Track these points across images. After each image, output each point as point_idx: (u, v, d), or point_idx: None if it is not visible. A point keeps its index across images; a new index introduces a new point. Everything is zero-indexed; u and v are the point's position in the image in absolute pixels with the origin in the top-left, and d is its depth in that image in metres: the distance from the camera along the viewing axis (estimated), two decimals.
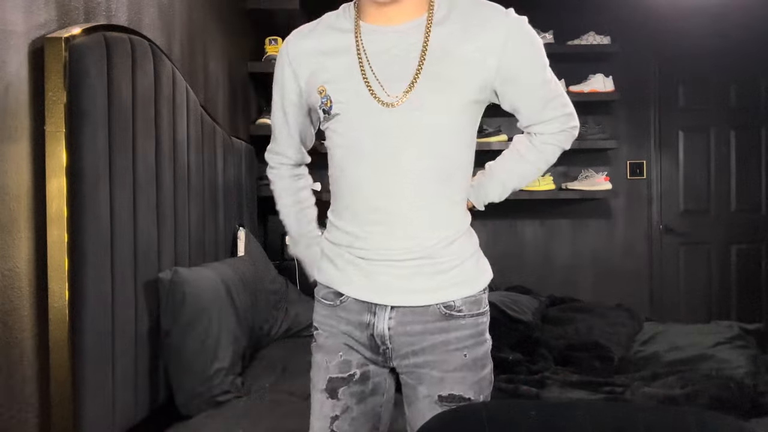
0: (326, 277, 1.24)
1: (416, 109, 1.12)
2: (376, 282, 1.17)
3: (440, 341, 1.17)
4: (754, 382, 2.00)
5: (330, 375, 1.21)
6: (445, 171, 1.16)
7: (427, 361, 1.18)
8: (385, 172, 1.14)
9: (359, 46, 1.15)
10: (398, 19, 1.14)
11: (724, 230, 4.19)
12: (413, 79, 1.11)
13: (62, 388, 1.44)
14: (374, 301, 1.17)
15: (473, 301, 1.20)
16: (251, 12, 3.36)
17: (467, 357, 1.18)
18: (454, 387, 1.17)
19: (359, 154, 1.15)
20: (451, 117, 1.15)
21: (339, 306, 1.21)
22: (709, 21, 4.03)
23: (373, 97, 1.12)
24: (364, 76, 1.13)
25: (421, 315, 1.17)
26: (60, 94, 1.42)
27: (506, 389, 1.99)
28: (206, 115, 2.41)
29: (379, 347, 1.19)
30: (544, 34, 3.83)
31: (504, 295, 2.88)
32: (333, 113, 1.16)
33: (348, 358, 1.21)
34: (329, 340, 1.22)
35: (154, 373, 1.83)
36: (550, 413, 0.98)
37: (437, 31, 1.14)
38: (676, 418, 0.97)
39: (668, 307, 4.16)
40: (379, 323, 1.17)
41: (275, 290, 2.63)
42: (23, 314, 1.39)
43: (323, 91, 1.17)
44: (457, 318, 1.17)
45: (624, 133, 4.12)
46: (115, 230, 1.60)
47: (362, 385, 1.21)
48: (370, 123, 1.13)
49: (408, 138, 1.13)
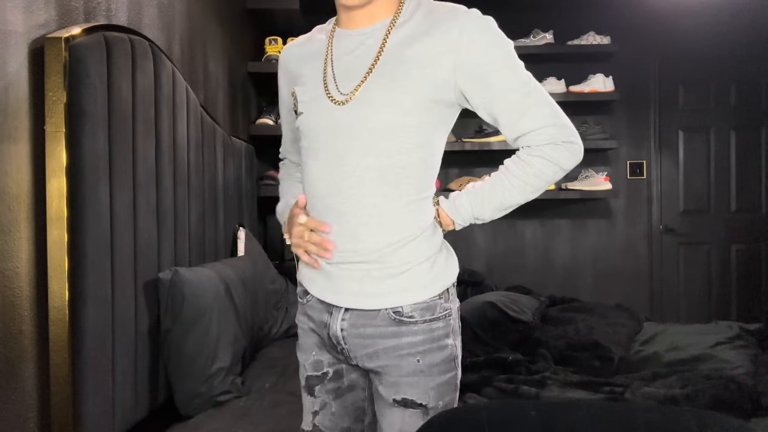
0: (300, 274, 1.29)
1: (364, 106, 1.13)
2: (333, 282, 1.20)
3: (392, 346, 1.17)
4: (754, 382, 1.99)
5: (307, 373, 1.27)
6: (392, 171, 1.14)
7: (381, 365, 1.19)
8: (334, 170, 1.16)
9: (328, 50, 1.21)
10: (365, 22, 1.19)
11: (724, 230, 4.19)
12: (364, 77, 1.15)
13: (62, 388, 1.44)
14: (330, 302, 1.21)
15: (425, 308, 1.17)
16: (251, 12, 3.36)
17: (420, 362, 1.17)
18: (407, 391, 1.17)
19: (315, 153, 1.19)
20: (402, 116, 1.12)
21: (306, 304, 1.26)
22: (709, 21, 4.03)
23: (327, 95, 1.17)
24: (324, 76, 1.19)
25: (372, 319, 1.18)
26: (60, 94, 1.42)
27: (506, 389, 1.99)
28: (206, 115, 2.41)
29: (336, 347, 1.22)
30: (544, 34, 3.83)
31: (504, 295, 2.88)
32: (299, 113, 1.22)
33: (319, 358, 1.25)
34: (303, 339, 1.28)
35: (154, 373, 1.83)
36: (550, 413, 0.98)
37: (397, 33, 1.16)
38: (676, 418, 0.97)
39: (668, 307, 4.16)
40: (333, 324, 1.20)
41: (275, 290, 2.63)
42: (23, 314, 1.39)
43: (294, 93, 1.24)
44: (408, 324, 1.16)
45: (624, 133, 4.12)
46: (115, 230, 1.60)
47: (337, 383, 1.25)
48: (323, 121, 1.17)
49: (356, 136, 1.14)
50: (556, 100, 1.22)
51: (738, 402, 1.84)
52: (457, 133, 3.82)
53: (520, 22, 3.88)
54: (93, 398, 1.50)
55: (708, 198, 4.20)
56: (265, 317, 2.48)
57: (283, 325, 2.60)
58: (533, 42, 3.81)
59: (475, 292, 3.19)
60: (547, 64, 3.92)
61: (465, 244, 4.08)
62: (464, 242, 4.07)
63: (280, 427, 1.70)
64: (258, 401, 1.89)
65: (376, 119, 1.13)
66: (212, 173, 2.46)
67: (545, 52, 3.80)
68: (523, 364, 2.23)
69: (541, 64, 3.90)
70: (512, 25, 3.91)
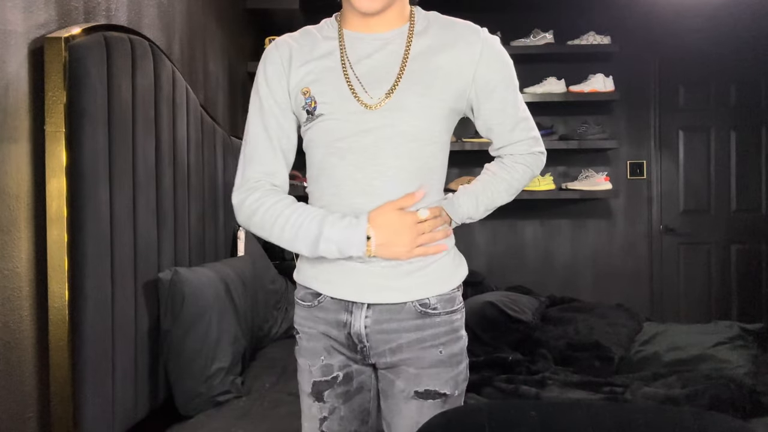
0: (303, 276, 1.25)
1: (398, 110, 1.16)
2: (355, 279, 1.19)
3: (415, 339, 1.20)
4: (754, 382, 1.99)
5: (314, 379, 1.24)
6: (421, 173, 1.19)
7: (403, 358, 1.20)
8: (364, 170, 1.16)
9: (342, 51, 1.20)
10: (380, 28, 1.20)
11: (724, 230, 4.18)
12: (395, 82, 1.16)
13: (62, 388, 1.44)
14: (351, 299, 1.19)
15: (447, 299, 1.22)
16: (251, 12, 3.36)
17: (442, 353, 1.21)
18: (429, 383, 1.20)
19: (341, 152, 1.17)
20: (428, 121, 1.18)
21: (316, 306, 1.22)
22: (709, 21, 4.03)
23: (356, 98, 1.16)
24: (347, 78, 1.17)
25: (396, 313, 1.19)
26: (60, 93, 1.42)
27: (506, 389, 1.99)
28: (206, 115, 2.41)
29: (356, 346, 1.21)
30: (544, 34, 3.83)
31: (504, 295, 2.88)
32: (317, 114, 1.18)
33: (329, 362, 1.23)
34: (310, 343, 1.24)
35: (154, 373, 1.83)
36: (550, 413, 0.98)
37: (418, 41, 1.20)
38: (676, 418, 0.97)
39: (668, 307, 4.15)
40: (355, 322, 1.19)
41: (275, 290, 2.63)
42: (23, 314, 1.39)
43: (308, 92, 1.19)
44: (432, 316, 1.20)
45: (624, 133, 4.12)
46: (115, 230, 1.59)
47: (346, 386, 1.24)
48: (352, 123, 1.16)
49: (388, 138, 1.16)
50: (556, 100, 1.29)
51: (738, 402, 1.84)
52: (457, 133, 3.81)
53: (520, 22, 3.88)
54: (93, 398, 1.50)
55: (708, 198, 4.19)
56: (265, 317, 2.48)
57: (283, 325, 2.60)
58: (533, 42, 3.81)
59: (475, 292, 3.19)
60: (547, 64, 3.92)
61: (465, 244, 4.07)
62: (464, 242, 4.06)
63: (280, 427, 1.70)
64: (258, 401, 1.89)
65: (409, 123, 1.16)
66: (212, 173, 2.46)
67: (545, 52, 3.80)
68: (523, 364, 2.23)
69: (541, 64, 3.90)
70: (512, 25, 3.97)
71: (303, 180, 3.28)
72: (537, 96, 3.76)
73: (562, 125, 4.00)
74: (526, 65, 3.95)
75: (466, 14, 1.23)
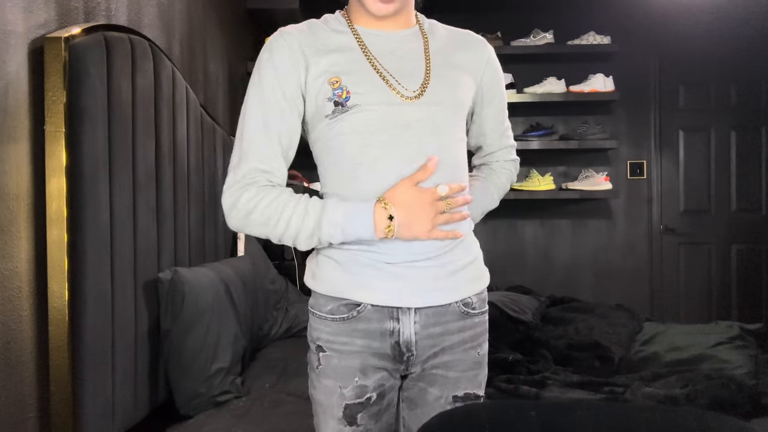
0: (333, 285, 1.13)
1: (435, 104, 1.15)
2: (402, 284, 1.11)
3: (458, 341, 1.18)
4: (755, 382, 1.99)
5: (346, 402, 1.13)
6: (457, 168, 1.19)
7: (444, 361, 1.17)
8: (410, 164, 1.11)
9: (362, 46, 1.16)
10: (392, 27, 1.20)
11: (724, 230, 4.18)
12: (425, 76, 1.16)
13: (62, 388, 1.44)
14: (399, 305, 1.12)
15: (483, 298, 1.23)
16: (251, 12, 3.36)
17: (479, 354, 1.21)
18: (468, 386, 1.19)
19: (383, 147, 1.11)
20: (457, 116, 1.20)
21: (354, 318, 1.12)
22: (709, 21, 4.03)
23: (392, 90, 1.13)
24: (377, 71, 1.14)
25: (441, 315, 1.16)
26: (60, 93, 1.42)
27: (506, 389, 1.99)
28: (206, 115, 2.41)
29: (403, 355, 1.14)
30: (544, 34, 3.82)
31: (504, 295, 2.88)
32: (350, 105, 1.10)
33: (364, 383, 1.13)
34: (342, 362, 1.13)
35: (154, 373, 1.83)
36: (550, 413, 0.98)
37: (432, 40, 1.22)
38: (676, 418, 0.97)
39: (668, 307, 4.15)
40: (404, 329, 1.13)
41: (275, 290, 2.63)
42: (23, 314, 1.39)
43: (337, 81, 1.11)
44: (472, 316, 1.20)
45: (624, 133, 4.12)
46: (115, 230, 1.59)
47: (379, 405, 1.16)
48: (390, 115, 1.12)
49: (430, 131, 1.14)
50: (556, 100, 1.34)
51: (738, 402, 1.83)
52: None
53: (520, 22, 3.87)
54: (93, 398, 1.50)
55: (708, 198, 4.19)
56: (265, 317, 2.48)
57: (283, 325, 2.60)
58: (533, 42, 3.81)
59: None
60: (547, 64, 3.92)
61: None
62: None
63: (280, 427, 1.70)
64: (258, 401, 1.89)
65: (443, 116, 1.16)
66: (212, 173, 2.45)
67: (545, 52, 3.80)
68: (523, 364, 2.23)
69: (541, 64, 3.90)
70: (512, 25, 3.97)
71: (303, 180, 3.28)
72: (537, 96, 3.76)
73: (562, 125, 4.00)
74: (526, 65, 3.96)
75: (466, 14, 1.24)
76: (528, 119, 3.95)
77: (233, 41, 3.13)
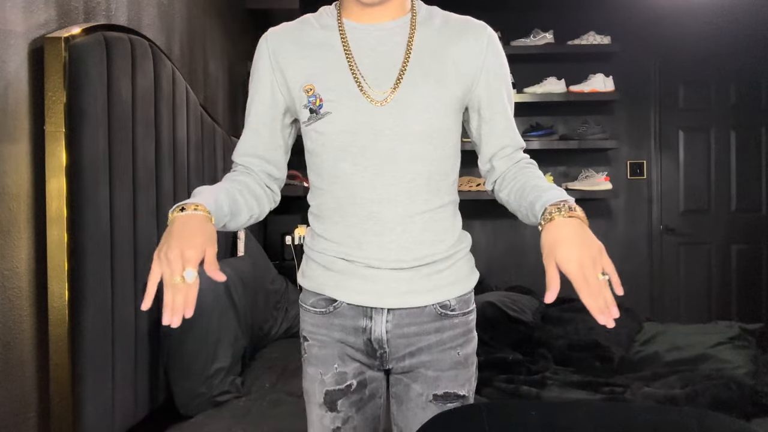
0: (315, 283, 1.19)
1: (406, 107, 1.10)
2: (375, 285, 1.14)
3: (435, 341, 1.18)
4: (755, 382, 1.99)
5: (326, 388, 1.18)
6: (435, 176, 1.14)
7: (422, 361, 1.18)
8: (381, 176, 1.11)
9: (344, 43, 1.13)
10: (382, 18, 1.14)
11: (724, 230, 4.18)
12: (399, 75, 1.11)
13: (62, 388, 1.44)
14: (371, 305, 1.15)
15: (465, 300, 1.21)
16: (251, 12, 3.36)
17: (460, 355, 1.20)
18: (448, 385, 1.18)
19: (352, 157, 1.11)
20: (439, 117, 1.13)
21: (331, 312, 1.17)
22: (709, 21, 4.03)
23: (363, 94, 1.10)
24: (353, 72, 1.11)
25: (417, 316, 1.17)
26: (60, 94, 1.42)
27: (506, 389, 1.99)
28: (206, 115, 2.41)
29: (375, 351, 1.17)
30: (544, 34, 3.83)
31: (504, 295, 2.88)
32: (323, 112, 1.11)
33: (343, 370, 1.18)
34: (322, 351, 1.18)
35: (154, 373, 1.83)
36: (550, 413, 0.98)
37: (422, 30, 1.15)
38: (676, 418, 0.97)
39: (668, 307, 4.15)
40: (376, 327, 1.16)
41: (275, 290, 2.63)
42: (23, 314, 1.39)
43: (311, 89, 1.12)
44: (451, 317, 1.19)
45: (624, 133, 4.12)
46: (115, 230, 1.59)
47: (360, 393, 1.19)
48: (362, 122, 1.10)
49: (402, 140, 1.10)
50: (556, 100, 1.27)
51: (738, 402, 1.84)
52: None
53: (520, 22, 3.88)
54: (93, 398, 1.50)
55: (708, 198, 4.19)
56: (265, 317, 2.48)
57: (282, 325, 2.60)
58: (533, 42, 3.81)
59: (475, 292, 3.18)
60: (547, 64, 3.92)
61: None
62: None
63: (280, 427, 1.70)
64: (258, 401, 1.89)
65: (419, 120, 1.11)
66: (212, 173, 2.45)
67: (545, 52, 3.80)
68: (523, 364, 2.23)
69: (541, 64, 3.90)
70: (512, 25, 3.97)
71: (303, 180, 3.28)
72: (537, 96, 3.76)
73: (562, 125, 4.00)
74: (526, 65, 3.96)
75: (466, 13, 1.23)
76: (528, 119, 3.95)
77: (233, 41, 3.13)
